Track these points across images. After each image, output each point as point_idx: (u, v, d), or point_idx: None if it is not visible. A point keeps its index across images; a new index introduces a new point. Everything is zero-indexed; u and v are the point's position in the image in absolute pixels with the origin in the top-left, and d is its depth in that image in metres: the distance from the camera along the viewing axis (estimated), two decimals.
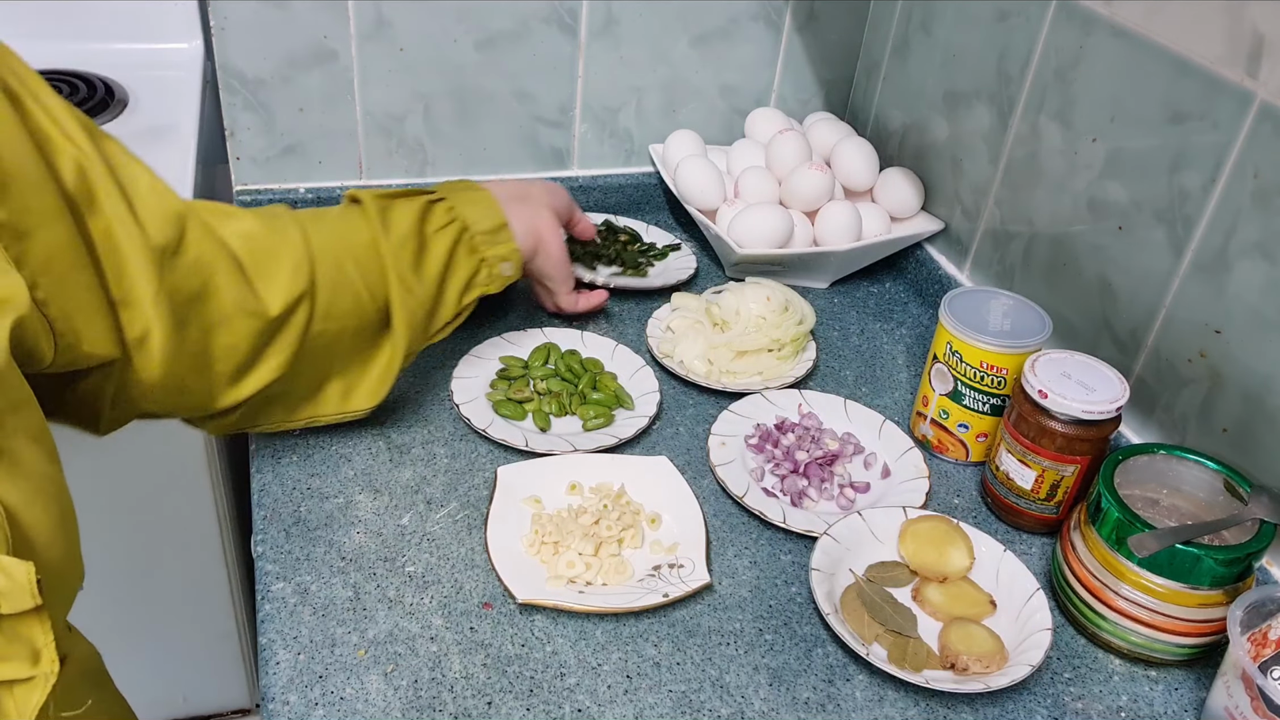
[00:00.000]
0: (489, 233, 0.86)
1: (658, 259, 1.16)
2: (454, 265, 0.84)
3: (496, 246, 0.86)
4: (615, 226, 1.18)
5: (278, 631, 0.70)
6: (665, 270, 1.13)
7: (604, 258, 1.12)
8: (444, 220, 0.83)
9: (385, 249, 0.79)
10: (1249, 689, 0.63)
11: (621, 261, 1.12)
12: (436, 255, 0.83)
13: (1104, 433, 0.78)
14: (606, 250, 1.13)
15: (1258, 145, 0.74)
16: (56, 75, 1.38)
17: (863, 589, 0.76)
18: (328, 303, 0.76)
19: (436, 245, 0.83)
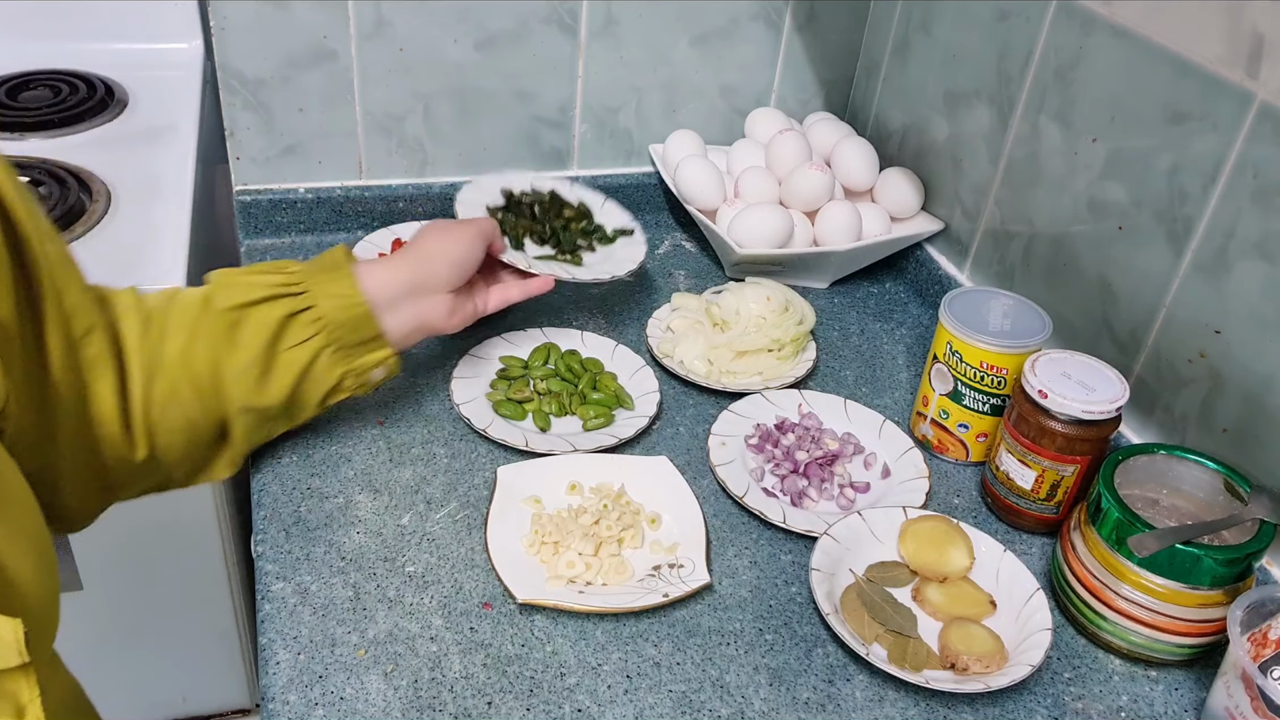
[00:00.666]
0: (357, 345, 0.77)
1: (601, 243, 1.03)
2: (311, 377, 0.76)
3: (365, 356, 0.78)
4: (562, 198, 1.05)
5: (278, 631, 0.70)
6: (608, 258, 1.01)
7: (536, 234, 1.00)
8: (303, 335, 0.75)
9: (229, 372, 0.73)
10: (1249, 689, 0.63)
11: (557, 241, 1.00)
12: (288, 371, 0.75)
13: (1104, 433, 0.78)
14: (541, 225, 1.01)
15: (1258, 145, 0.74)
16: (57, 75, 1.38)
17: (863, 589, 0.76)
18: (159, 418, 0.71)
19: (291, 360, 0.75)
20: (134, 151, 1.25)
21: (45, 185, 1.14)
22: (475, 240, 0.84)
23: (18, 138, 1.26)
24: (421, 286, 0.81)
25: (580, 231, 1.03)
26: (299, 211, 1.14)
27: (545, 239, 1.01)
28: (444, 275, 0.82)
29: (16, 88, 1.35)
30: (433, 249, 0.82)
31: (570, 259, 1.00)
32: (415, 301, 0.80)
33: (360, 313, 0.76)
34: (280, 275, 0.75)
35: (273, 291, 0.74)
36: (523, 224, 1.00)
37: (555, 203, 1.04)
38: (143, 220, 1.12)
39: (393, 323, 0.79)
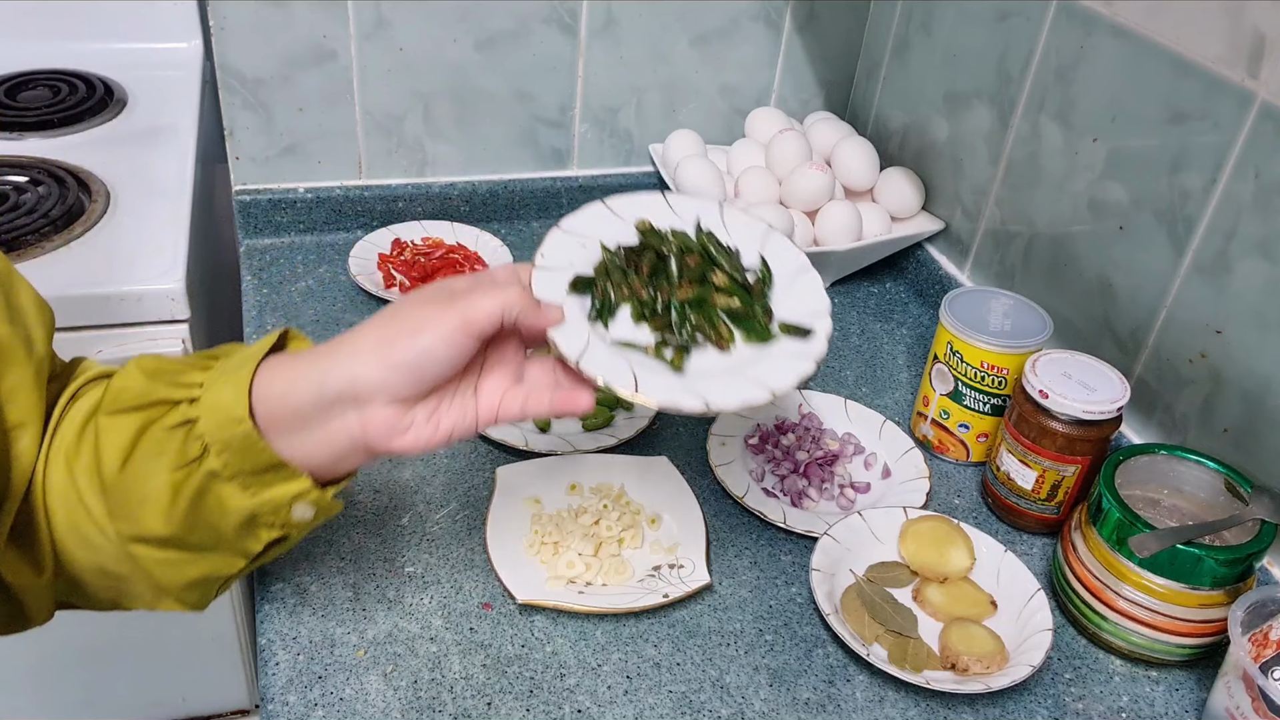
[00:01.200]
0: (256, 474, 0.58)
1: (750, 337, 0.66)
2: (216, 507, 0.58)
3: (270, 489, 0.58)
4: (716, 248, 0.69)
5: (277, 632, 0.70)
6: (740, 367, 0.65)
7: (643, 305, 0.66)
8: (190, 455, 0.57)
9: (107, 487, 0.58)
10: (1250, 689, 0.63)
11: (668, 322, 0.66)
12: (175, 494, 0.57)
13: (1105, 433, 0.78)
14: (654, 292, 0.67)
15: (1258, 145, 0.74)
16: (57, 75, 1.38)
17: (863, 589, 0.76)
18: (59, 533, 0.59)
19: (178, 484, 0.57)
20: (133, 151, 1.25)
21: (44, 185, 1.14)
22: (444, 333, 0.57)
23: (17, 137, 1.25)
24: (345, 396, 0.57)
25: (720, 313, 0.67)
26: (298, 211, 1.14)
27: (648, 314, 0.66)
28: (379, 381, 0.57)
29: (16, 87, 1.35)
30: (370, 341, 0.58)
31: (668, 358, 0.64)
32: (336, 416, 0.57)
33: (243, 432, 0.56)
34: (188, 373, 0.59)
35: (160, 396, 0.58)
36: (630, 282, 0.66)
37: (708, 257, 0.68)
38: (142, 220, 1.12)
39: (304, 446, 0.58)
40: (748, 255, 0.70)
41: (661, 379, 0.62)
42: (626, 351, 0.64)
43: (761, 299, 0.68)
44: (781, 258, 0.70)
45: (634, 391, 0.60)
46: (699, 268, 0.68)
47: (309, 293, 1.05)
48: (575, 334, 0.62)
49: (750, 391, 0.62)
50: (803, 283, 0.69)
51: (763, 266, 0.70)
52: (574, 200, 1.22)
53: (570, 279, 0.65)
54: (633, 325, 0.66)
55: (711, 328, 0.66)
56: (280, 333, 0.62)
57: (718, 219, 0.71)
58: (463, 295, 0.59)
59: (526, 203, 1.21)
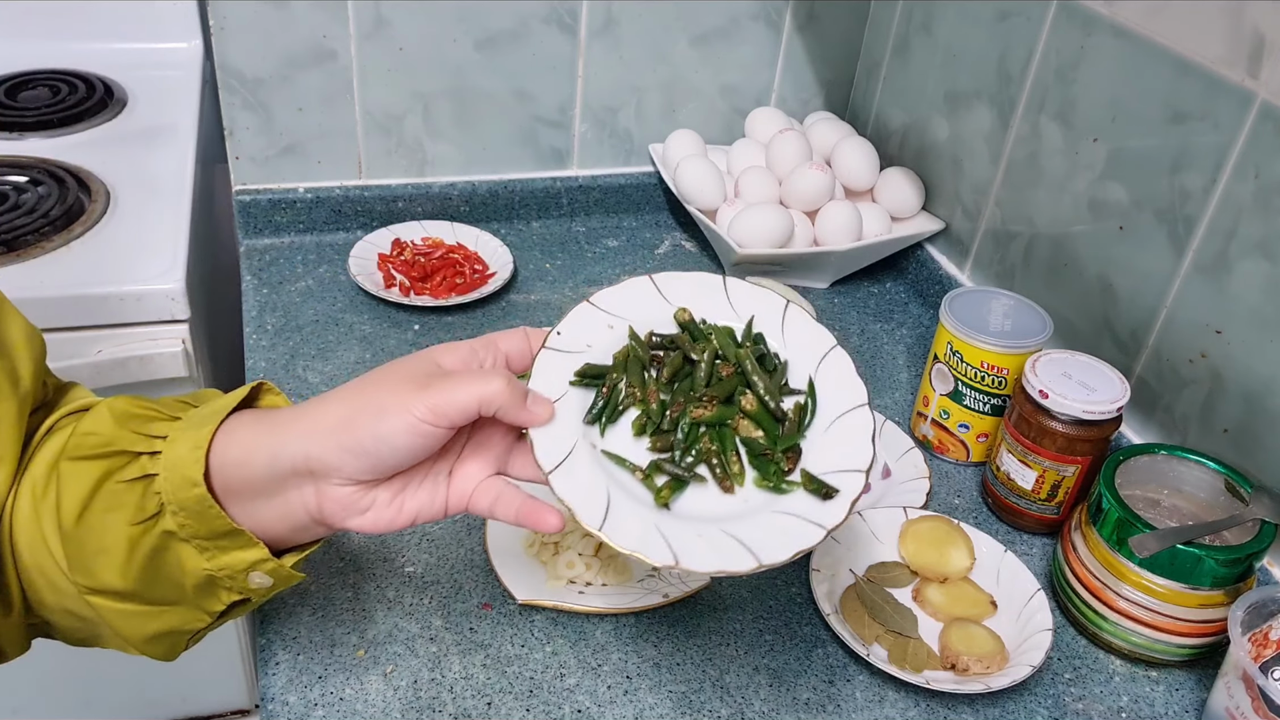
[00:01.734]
0: (212, 539, 0.55)
1: (765, 482, 0.58)
2: (174, 566, 0.56)
3: (227, 555, 0.55)
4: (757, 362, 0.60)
5: (277, 632, 0.70)
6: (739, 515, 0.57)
7: (651, 414, 0.59)
8: (147, 511, 0.54)
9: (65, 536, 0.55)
10: (1250, 689, 0.63)
11: (671, 442, 0.58)
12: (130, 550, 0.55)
13: (1105, 433, 0.78)
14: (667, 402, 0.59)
15: (1259, 145, 0.74)
16: (57, 75, 1.38)
17: (863, 589, 0.76)
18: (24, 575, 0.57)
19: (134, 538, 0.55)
20: (133, 151, 1.25)
21: (44, 185, 1.14)
22: (406, 424, 0.53)
23: (17, 137, 1.25)
24: (301, 470, 0.54)
25: (738, 444, 0.59)
26: (298, 211, 1.14)
27: (654, 428, 0.59)
28: (335, 463, 0.54)
29: (16, 87, 1.35)
30: (333, 418, 0.54)
31: (658, 485, 0.57)
32: (293, 489, 0.55)
33: (197, 495, 0.53)
34: (153, 422, 0.56)
35: (125, 446, 0.55)
36: (646, 383, 0.60)
37: (744, 371, 0.60)
38: (142, 220, 1.12)
39: (260, 516, 0.55)
40: (800, 373, 0.60)
41: (637, 516, 0.55)
42: (613, 468, 0.57)
43: (792, 437, 0.58)
44: (837, 385, 0.60)
45: (598, 529, 0.53)
46: (729, 383, 0.59)
47: (309, 293, 1.05)
48: (558, 440, 0.56)
49: (733, 558, 0.53)
50: (851, 423, 0.59)
51: (809, 393, 0.60)
52: (574, 200, 1.22)
53: (579, 367, 0.59)
54: (632, 437, 0.59)
55: (720, 462, 0.58)
56: (253, 386, 0.59)
57: (778, 321, 0.61)
58: (438, 381, 0.54)
59: (526, 203, 1.21)
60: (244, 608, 0.59)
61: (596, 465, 0.56)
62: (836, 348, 0.61)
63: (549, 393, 0.58)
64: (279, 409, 0.58)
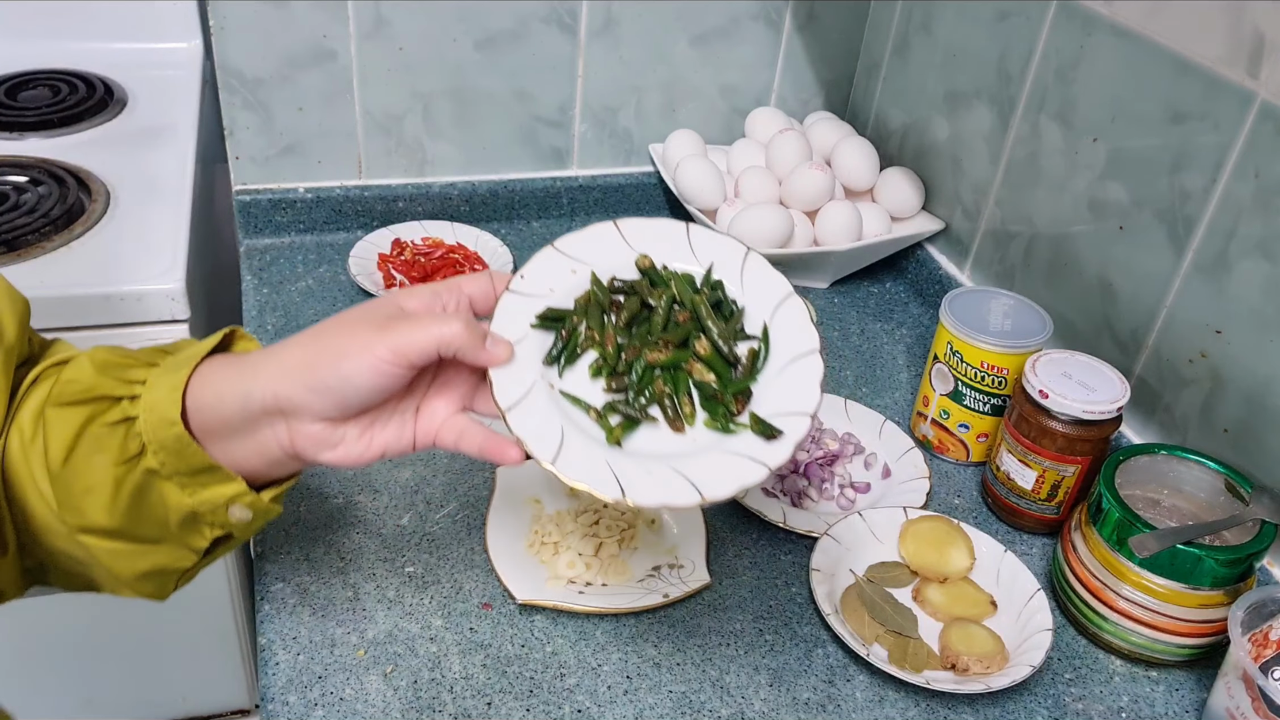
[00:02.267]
0: (192, 475, 0.58)
1: (715, 423, 0.59)
2: (159, 503, 0.59)
3: (207, 490, 0.58)
4: (714, 307, 0.62)
5: (277, 632, 0.70)
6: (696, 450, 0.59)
7: (607, 356, 0.61)
8: (130, 451, 0.57)
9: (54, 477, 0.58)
10: (1250, 689, 0.63)
11: (625, 384, 0.60)
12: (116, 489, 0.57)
13: (1105, 433, 0.78)
14: (624, 345, 0.61)
15: (1259, 145, 0.74)
16: (56, 75, 1.38)
17: (863, 589, 0.76)
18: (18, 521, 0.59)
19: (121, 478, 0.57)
20: (133, 151, 1.25)
21: (44, 185, 1.14)
22: (369, 363, 0.56)
23: (17, 137, 1.25)
24: (271, 409, 0.57)
25: (691, 386, 0.61)
26: (298, 211, 1.14)
27: (610, 369, 0.61)
28: (303, 401, 0.56)
29: (16, 87, 1.35)
30: (300, 357, 0.57)
31: (613, 425, 0.59)
32: (265, 426, 0.58)
33: (175, 434, 0.56)
34: (135, 369, 0.59)
35: (105, 391, 0.58)
36: (603, 326, 0.61)
37: (699, 316, 0.62)
38: (142, 220, 1.12)
39: (236, 452, 0.58)
40: (756, 319, 0.62)
41: (589, 453, 0.56)
42: (570, 408, 0.59)
43: (743, 381, 0.60)
44: (791, 332, 0.61)
45: (550, 463, 0.55)
46: (685, 328, 0.61)
47: (309, 293, 1.05)
48: (517, 379, 0.58)
49: (679, 492, 0.55)
50: (801, 369, 0.60)
51: (763, 339, 0.61)
52: (574, 200, 1.22)
53: (541, 310, 0.60)
54: (589, 378, 0.60)
55: (672, 403, 0.60)
56: (226, 332, 0.62)
57: (738, 268, 0.63)
58: (401, 322, 0.57)
59: (526, 202, 1.21)
60: (227, 545, 0.62)
61: (553, 405, 0.58)
62: (793, 295, 0.62)
63: (510, 335, 0.59)
64: (250, 353, 0.61)
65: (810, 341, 0.60)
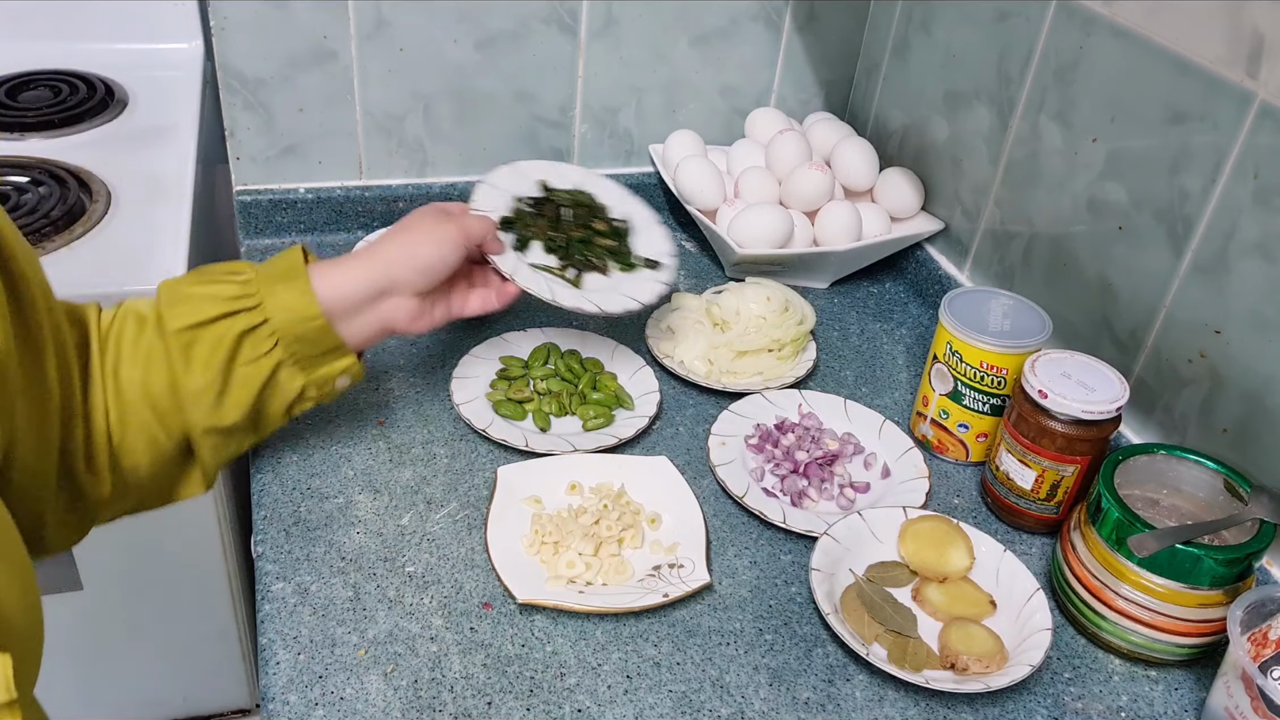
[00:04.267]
0: (318, 356, 0.74)
1: (619, 267, 0.94)
2: (272, 391, 0.73)
3: (325, 367, 0.75)
4: (601, 207, 0.98)
5: (278, 631, 0.70)
6: (615, 286, 0.92)
7: (549, 240, 0.92)
8: (259, 351, 0.71)
9: (187, 394, 0.70)
10: (1249, 689, 0.63)
11: (565, 253, 0.92)
12: (247, 388, 0.71)
13: (1104, 433, 0.78)
14: (559, 231, 0.93)
15: (1258, 145, 0.74)
16: (56, 75, 1.38)
17: (863, 589, 0.76)
18: (119, 441, 0.69)
19: (248, 377, 0.71)
20: (134, 151, 1.25)
21: (45, 185, 1.14)
22: (451, 244, 0.78)
23: (18, 138, 1.26)
24: (384, 290, 0.76)
25: (602, 250, 0.94)
26: (299, 211, 1.14)
27: (555, 248, 0.92)
28: (408, 280, 0.77)
29: (16, 88, 1.35)
30: (401, 251, 0.77)
31: (570, 278, 0.91)
32: (376, 305, 0.76)
33: (317, 325, 0.72)
34: (233, 286, 0.71)
35: (225, 309, 0.70)
36: (539, 224, 0.93)
37: (590, 210, 0.96)
38: (143, 220, 1.12)
39: (353, 329, 0.75)
40: (616, 210, 0.97)
41: (567, 291, 0.88)
42: (541, 273, 0.89)
43: (624, 238, 0.95)
44: (636, 212, 0.98)
45: (552, 298, 0.86)
46: (584, 216, 0.95)
47: None
48: (508, 258, 0.87)
49: (626, 302, 0.89)
50: (656, 232, 0.97)
51: (622, 221, 0.96)
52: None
53: (498, 220, 0.89)
54: (543, 255, 0.91)
55: (596, 259, 0.93)
56: (299, 247, 0.75)
57: (594, 183, 0.98)
58: (458, 217, 0.81)
59: None
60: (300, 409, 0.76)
61: (532, 271, 0.89)
62: (630, 193, 1.00)
63: None
64: (347, 256, 0.77)
65: (654, 214, 0.98)
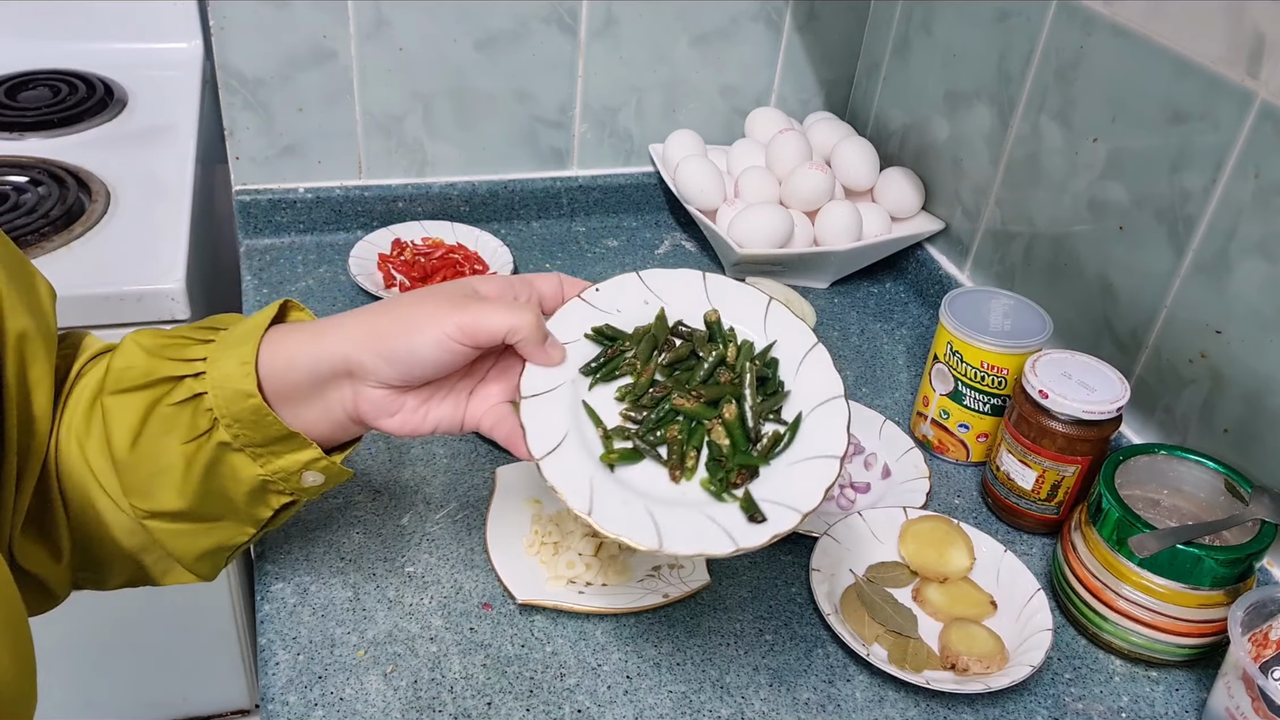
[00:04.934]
0: (266, 445, 0.59)
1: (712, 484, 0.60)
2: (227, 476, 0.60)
3: (281, 459, 0.60)
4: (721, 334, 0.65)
5: (277, 632, 0.70)
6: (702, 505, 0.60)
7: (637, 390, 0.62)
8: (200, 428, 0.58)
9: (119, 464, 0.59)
10: (1250, 689, 0.63)
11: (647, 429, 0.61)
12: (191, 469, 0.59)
13: (1105, 433, 0.78)
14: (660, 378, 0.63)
15: (1258, 145, 0.74)
16: (56, 75, 1.38)
17: (863, 589, 0.76)
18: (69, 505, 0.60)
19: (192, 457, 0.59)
20: (133, 151, 1.25)
21: (44, 185, 1.14)
22: (436, 336, 0.58)
23: (17, 137, 1.25)
24: (340, 373, 0.59)
25: (704, 443, 0.61)
26: (299, 211, 1.14)
27: (635, 396, 0.62)
28: (372, 366, 0.58)
29: (16, 87, 1.35)
30: (373, 326, 0.59)
31: (612, 449, 0.61)
32: (329, 390, 0.60)
33: (251, 406, 0.57)
34: (189, 347, 0.60)
35: (167, 373, 0.58)
36: (647, 361, 0.63)
37: (738, 382, 0.62)
38: (142, 220, 1.12)
39: (309, 417, 0.60)
40: (795, 408, 0.62)
41: (580, 463, 0.58)
42: (581, 417, 0.61)
43: (756, 459, 0.60)
44: (823, 430, 0.60)
45: (539, 457, 0.58)
46: (722, 388, 0.62)
47: (309, 293, 1.05)
48: (547, 377, 0.61)
49: (641, 532, 0.56)
50: (815, 468, 0.59)
51: (791, 428, 0.61)
52: (574, 200, 1.22)
53: (601, 325, 0.63)
54: (614, 400, 0.62)
55: (679, 451, 0.60)
56: (282, 302, 0.62)
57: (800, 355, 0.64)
58: (475, 303, 0.59)
59: (526, 203, 1.21)
60: (288, 513, 0.64)
61: (568, 410, 0.61)
62: (840, 398, 0.62)
63: (562, 338, 0.62)
64: (316, 320, 0.62)
65: (837, 446, 0.60)
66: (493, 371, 0.63)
